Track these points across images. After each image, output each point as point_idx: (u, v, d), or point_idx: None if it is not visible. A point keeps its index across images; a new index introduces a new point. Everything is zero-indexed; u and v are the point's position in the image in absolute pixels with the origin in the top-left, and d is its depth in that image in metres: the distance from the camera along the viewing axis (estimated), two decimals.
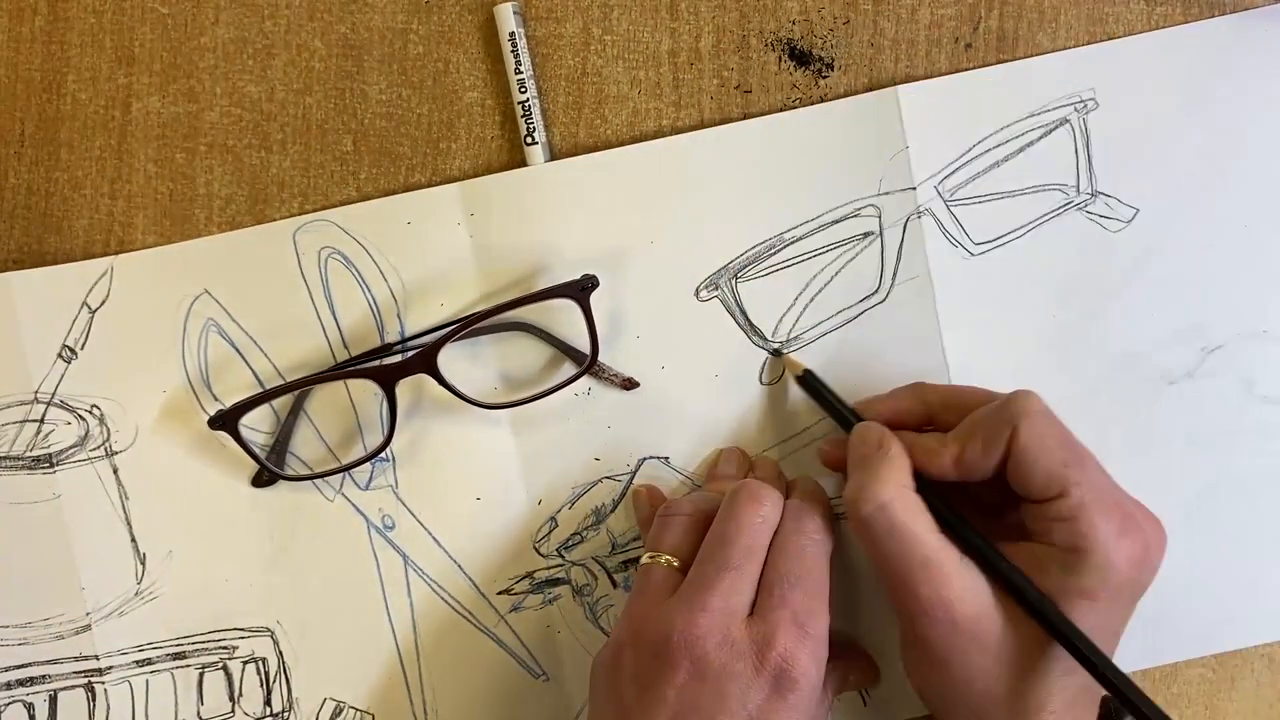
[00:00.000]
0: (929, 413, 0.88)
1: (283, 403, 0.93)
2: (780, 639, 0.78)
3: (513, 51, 0.93)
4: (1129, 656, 0.84)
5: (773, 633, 0.78)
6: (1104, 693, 0.78)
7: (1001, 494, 0.82)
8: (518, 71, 0.93)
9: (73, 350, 0.93)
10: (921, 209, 0.92)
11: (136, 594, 0.93)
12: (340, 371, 0.91)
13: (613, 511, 0.94)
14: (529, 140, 0.93)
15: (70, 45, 0.95)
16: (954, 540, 0.80)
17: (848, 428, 0.88)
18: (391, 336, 0.93)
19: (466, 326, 0.88)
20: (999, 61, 0.93)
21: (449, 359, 0.89)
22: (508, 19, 0.92)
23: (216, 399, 0.93)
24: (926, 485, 0.82)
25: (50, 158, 0.95)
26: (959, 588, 0.78)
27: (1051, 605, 0.77)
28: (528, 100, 0.92)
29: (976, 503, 0.84)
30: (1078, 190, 0.92)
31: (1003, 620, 0.79)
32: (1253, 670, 0.96)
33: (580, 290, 0.89)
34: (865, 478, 0.81)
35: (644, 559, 0.85)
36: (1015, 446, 0.79)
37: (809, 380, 0.92)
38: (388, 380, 0.89)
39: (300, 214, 0.94)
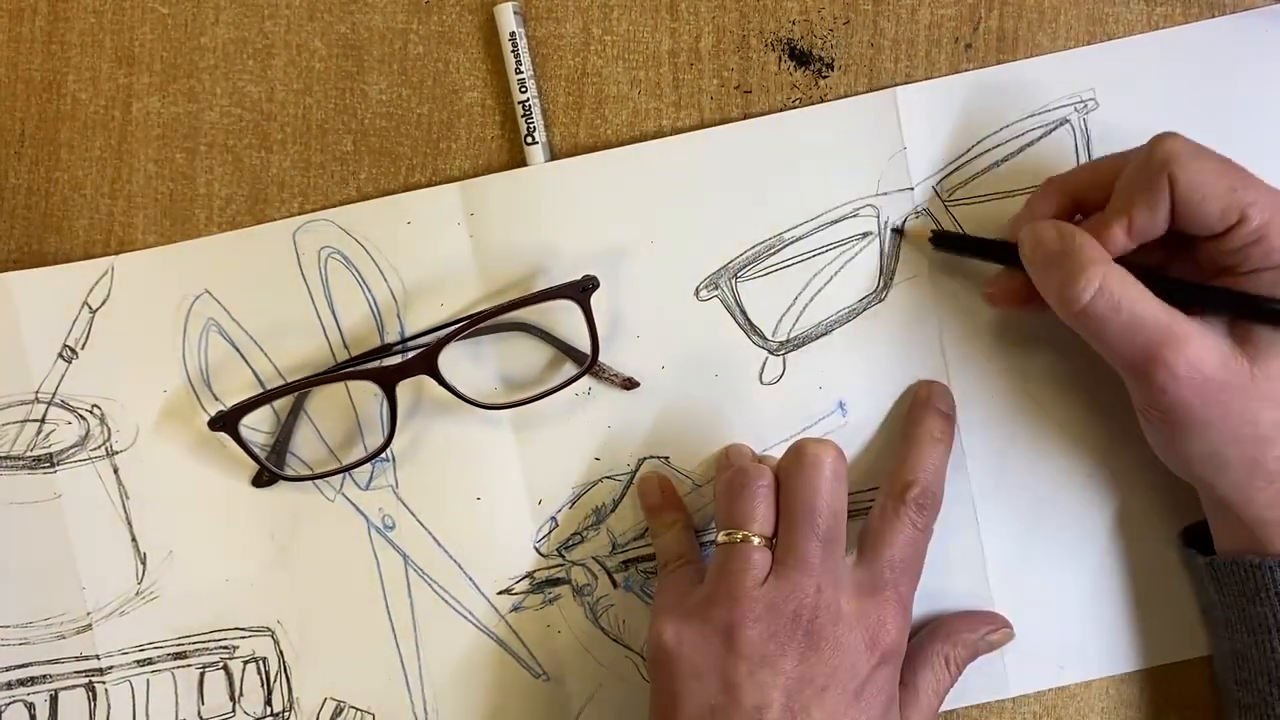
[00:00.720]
0: (1074, 202, 0.86)
1: (283, 403, 0.93)
2: (890, 621, 0.82)
3: (513, 51, 0.93)
4: (1131, 657, 0.84)
5: (883, 614, 0.82)
6: None
7: (1169, 247, 0.83)
8: (518, 71, 0.93)
9: (73, 350, 0.93)
10: (920, 209, 0.92)
11: (137, 594, 0.93)
12: (341, 373, 0.91)
13: (613, 511, 0.94)
14: (529, 140, 0.93)
15: (70, 45, 0.95)
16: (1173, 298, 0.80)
17: (1006, 259, 0.88)
18: (392, 336, 0.93)
19: (467, 327, 0.88)
20: (999, 62, 0.93)
21: (449, 359, 0.89)
22: (508, 19, 0.92)
23: (217, 399, 0.93)
24: (1126, 261, 0.81)
25: (50, 158, 0.95)
26: (1199, 343, 0.78)
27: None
28: (528, 100, 0.93)
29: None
30: None
31: (1250, 360, 0.78)
32: None
33: (581, 291, 0.88)
34: (1067, 269, 0.80)
35: (723, 536, 0.84)
36: (1178, 192, 0.78)
37: (942, 238, 0.91)
38: (388, 381, 0.89)
39: (300, 214, 0.94)
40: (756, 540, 0.83)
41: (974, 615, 0.93)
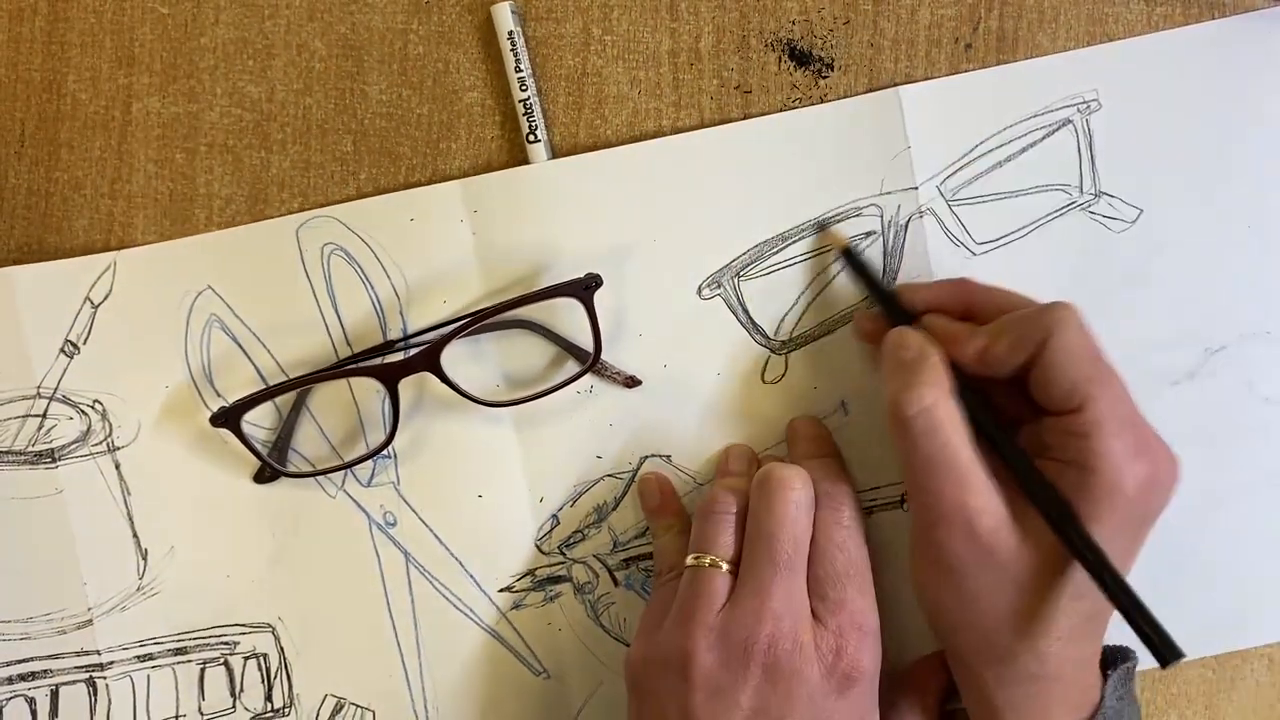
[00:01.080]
0: (968, 309, 0.87)
1: (285, 399, 0.93)
2: (848, 646, 0.81)
3: (512, 50, 0.93)
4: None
5: (840, 640, 0.81)
6: (1105, 628, 0.82)
7: (1018, 410, 0.83)
8: (518, 70, 0.93)
9: (75, 345, 0.93)
10: (923, 209, 0.93)
11: (138, 589, 0.93)
12: (343, 369, 0.91)
13: (614, 509, 0.94)
14: (531, 139, 0.93)
15: (70, 45, 0.95)
16: (983, 453, 0.81)
17: (888, 307, 0.89)
18: (394, 333, 0.93)
19: (470, 325, 0.88)
20: (999, 62, 0.93)
21: (451, 357, 0.89)
22: (506, 18, 0.93)
23: (219, 395, 0.93)
24: (966, 394, 0.82)
25: (50, 158, 0.95)
26: (983, 499, 0.79)
27: (1072, 513, 0.78)
28: (528, 99, 0.93)
29: (999, 416, 0.84)
30: (1080, 190, 0.93)
31: (1018, 538, 0.79)
32: (1252, 670, 0.96)
33: (584, 289, 0.89)
34: (910, 379, 0.82)
35: (690, 560, 0.85)
36: (1044, 352, 0.79)
37: (851, 257, 0.92)
38: (390, 378, 0.89)
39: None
40: (722, 566, 0.84)
41: (933, 658, 0.93)
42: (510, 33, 0.93)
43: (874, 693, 0.84)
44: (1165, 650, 0.76)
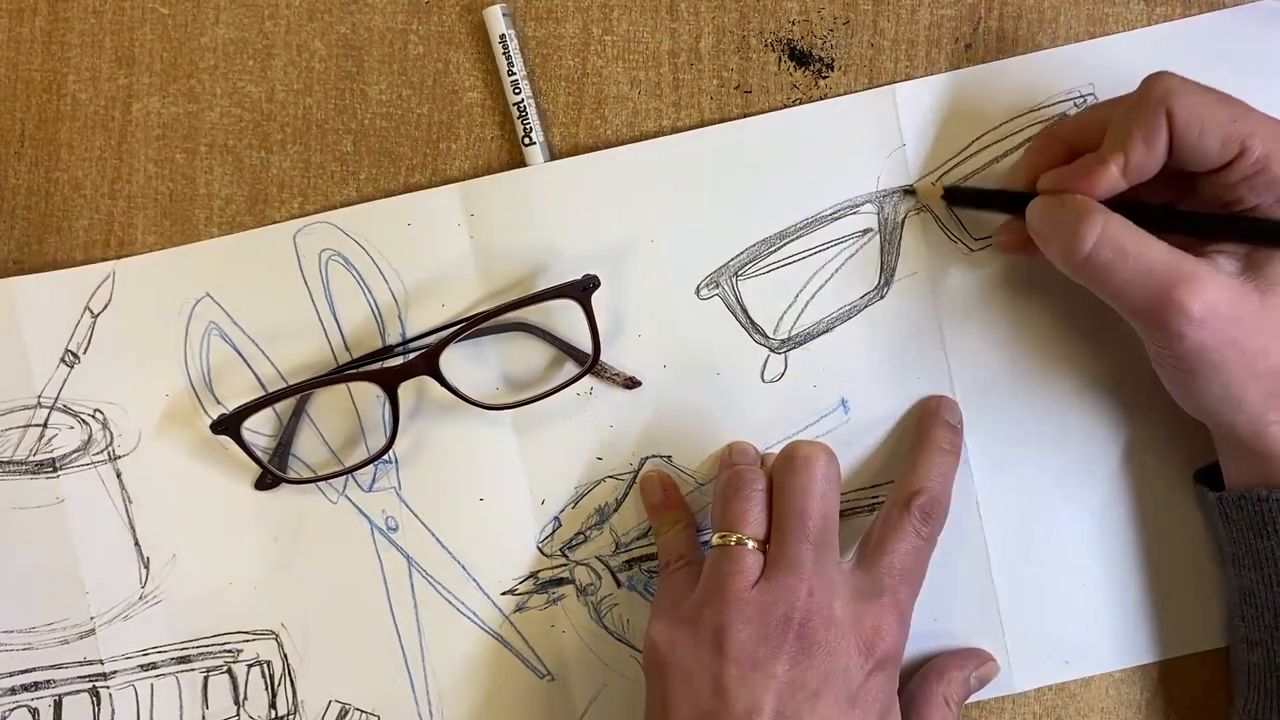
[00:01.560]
0: (1071, 150, 0.86)
1: (285, 405, 0.93)
2: (886, 628, 0.81)
3: (505, 53, 0.93)
4: (1130, 655, 0.85)
5: (879, 621, 0.81)
6: None
7: (1171, 191, 0.83)
8: (511, 72, 0.93)
9: (75, 355, 0.93)
10: (920, 205, 0.92)
11: (140, 598, 0.93)
12: (342, 374, 0.91)
13: (616, 510, 0.94)
14: (527, 140, 0.93)
15: (70, 45, 0.95)
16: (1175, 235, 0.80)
17: (1015, 208, 0.87)
18: (393, 338, 0.93)
19: (468, 328, 0.88)
20: (992, 62, 0.93)
21: (451, 360, 0.89)
22: (497, 21, 0.93)
23: (219, 402, 0.93)
24: (1119, 206, 0.81)
25: (50, 158, 0.95)
26: (1210, 280, 0.78)
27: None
28: (523, 100, 0.93)
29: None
30: None
31: (1259, 295, 0.78)
32: None
33: (582, 290, 0.89)
34: (1067, 224, 0.81)
35: (716, 538, 0.84)
36: (1176, 126, 0.78)
37: (955, 193, 0.91)
38: (390, 383, 0.89)
39: (300, 214, 0.94)
40: (750, 543, 0.83)
41: (962, 653, 0.93)
42: (503, 35, 0.92)
43: (896, 681, 0.84)
44: None
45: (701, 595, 0.83)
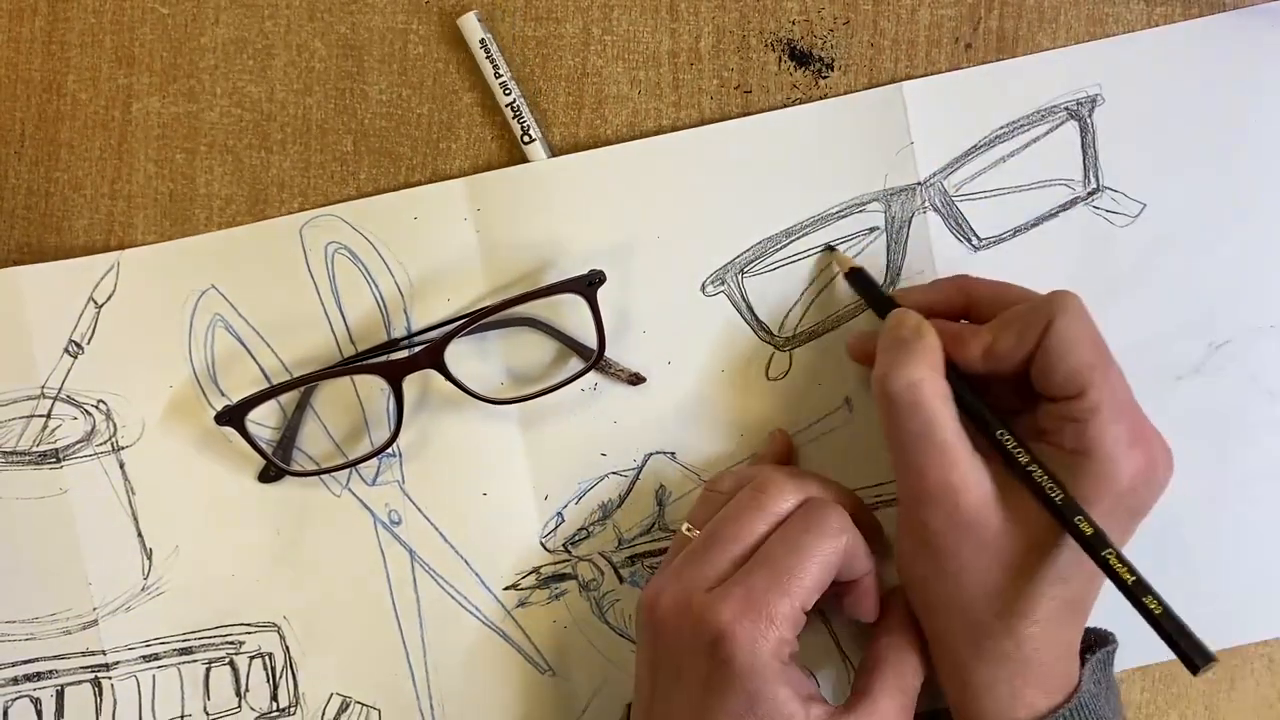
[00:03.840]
0: (968, 306, 0.88)
1: (289, 398, 0.93)
2: (722, 611, 0.78)
3: (488, 58, 0.93)
4: (1131, 654, 0.85)
5: (718, 604, 0.78)
6: (1088, 615, 0.82)
7: (1017, 399, 0.83)
8: (498, 75, 0.93)
9: (79, 345, 0.92)
10: (926, 205, 0.93)
11: (143, 589, 0.93)
12: (347, 367, 0.91)
13: (619, 507, 0.94)
14: (526, 139, 0.93)
15: (70, 45, 0.95)
16: (971, 434, 0.81)
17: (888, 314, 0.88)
18: (398, 332, 0.93)
19: (473, 322, 0.89)
20: (999, 62, 0.94)
21: (456, 354, 0.89)
22: (474, 28, 0.93)
23: (223, 394, 0.93)
24: (954, 377, 0.82)
25: (50, 158, 0.95)
26: (968, 476, 0.79)
27: (1063, 489, 0.78)
28: (515, 101, 0.93)
29: (994, 406, 0.84)
30: (1084, 185, 0.93)
31: (1003, 517, 0.79)
32: (1252, 670, 0.97)
33: (588, 285, 0.89)
34: (898, 356, 0.81)
35: (684, 527, 0.86)
36: (1046, 340, 0.79)
37: (858, 277, 0.92)
38: (394, 376, 0.89)
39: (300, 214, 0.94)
40: (685, 529, 0.87)
41: (899, 639, 0.88)
42: (482, 40, 0.93)
43: (764, 682, 0.78)
44: (1134, 596, 0.75)
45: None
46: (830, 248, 0.93)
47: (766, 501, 0.84)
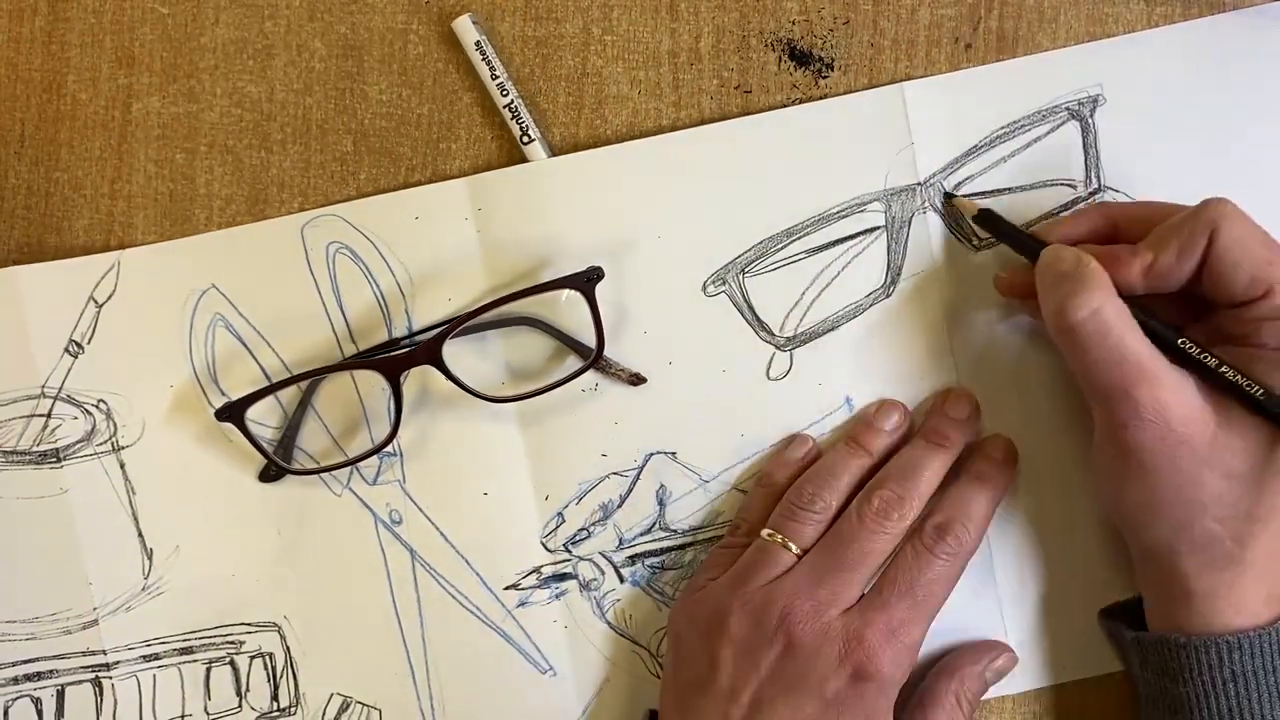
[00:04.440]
0: (1115, 231, 0.87)
1: (290, 398, 0.93)
2: (869, 638, 0.82)
3: (484, 60, 0.93)
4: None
5: (864, 631, 0.82)
6: None
7: (1182, 313, 0.84)
8: (495, 76, 0.93)
9: (79, 345, 0.92)
10: (927, 204, 0.93)
11: (143, 589, 0.93)
12: (344, 363, 0.92)
13: (619, 507, 0.94)
14: (525, 139, 0.93)
15: (70, 45, 0.95)
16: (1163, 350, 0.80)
17: (1033, 257, 0.87)
18: (399, 331, 0.93)
19: (472, 317, 0.89)
20: (999, 62, 0.94)
21: (455, 353, 0.89)
22: (469, 30, 0.93)
23: (224, 393, 0.93)
24: (1129, 300, 0.81)
25: (50, 158, 0.95)
26: (1174, 390, 0.78)
27: (1265, 387, 0.78)
28: (512, 102, 0.93)
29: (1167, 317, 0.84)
30: (1085, 185, 0.93)
31: (1215, 425, 0.79)
32: None
33: (585, 281, 0.89)
34: (1072, 286, 0.81)
35: (765, 534, 0.87)
36: (1215, 249, 0.79)
37: (987, 218, 0.91)
38: (392, 372, 0.89)
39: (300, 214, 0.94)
40: (794, 549, 0.86)
41: (977, 646, 0.93)
42: (477, 42, 0.93)
43: (888, 700, 0.84)
44: None
45: (728, 577, 0.87)
46: (950, 195, 0.93)
47: (895, 527, 0.85)
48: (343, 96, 0.95)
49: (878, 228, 0.93)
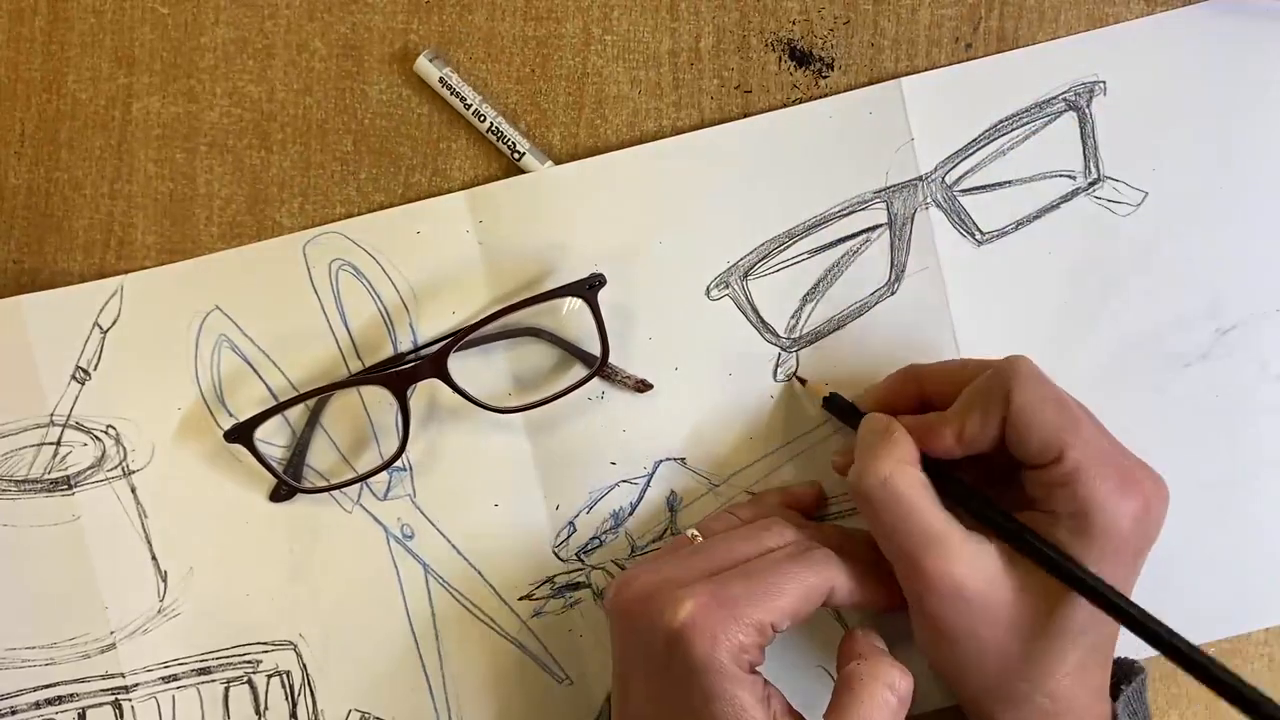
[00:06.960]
0: (924, 392, 0.88)
1: (298, 417, 0.94)
2: (686, 603, 0.77)
3: (453, 94, 0.93)
4: (1135, 644, 0.86)
5: (684, 598, 0.77)
6: (1113, 653, 0.82)
7: (1008, 466, 0.82)
8: (467, 106, 0.93)
9: (86, 371, 0.93)
10: (929, 200, 0.93)
11: (159, 611, 0.93)
12: (350, 380, 0.92)
13: (631, 514, 0.94)
14: (516, 155, 0.93)
15: (70, 45, 0.95)
16: (961, 514, 0.80)
17: (855, 423, 0.88)
18: (404, 346, 0.93)
19: (477, 328, 0.88)
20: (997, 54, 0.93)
21: (461, 365, 0.90)
22: (430, 70, 0.93)
23: (231, 414, 0.93)
24: (932, 463, 0.82)
25: (50, 158, 0.95)
26: (966, 561, 0.78)
27: (1065, 555, 0.77)
28: (493, 124, 0.93)
29: (986, 478, 0.84)
30: (1085, 175, 0.93)
31: (1011, 590, 0.78)
32: (1252, 669, 0.96)
33: (588, 288, 0.89)
34: (867, 456, 0.81)
35: (691, 532, 0.87)
36: (1010, 413, 0.79)
37: (833, 403, 0.91)
38: (399, 386, 0.89)
39: (301, 214, 0.95)
40: (689, 534, 0.87)
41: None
42: (441, 79, 0.93)
43: (722, 675, 0.76)
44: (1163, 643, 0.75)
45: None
46: (801, 380, 0.94)
47: (764, 536, 0.84)
48: (343, 96, 0.95)
49: (880, 225, 0.93)
